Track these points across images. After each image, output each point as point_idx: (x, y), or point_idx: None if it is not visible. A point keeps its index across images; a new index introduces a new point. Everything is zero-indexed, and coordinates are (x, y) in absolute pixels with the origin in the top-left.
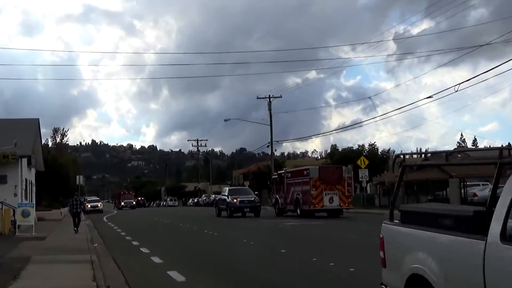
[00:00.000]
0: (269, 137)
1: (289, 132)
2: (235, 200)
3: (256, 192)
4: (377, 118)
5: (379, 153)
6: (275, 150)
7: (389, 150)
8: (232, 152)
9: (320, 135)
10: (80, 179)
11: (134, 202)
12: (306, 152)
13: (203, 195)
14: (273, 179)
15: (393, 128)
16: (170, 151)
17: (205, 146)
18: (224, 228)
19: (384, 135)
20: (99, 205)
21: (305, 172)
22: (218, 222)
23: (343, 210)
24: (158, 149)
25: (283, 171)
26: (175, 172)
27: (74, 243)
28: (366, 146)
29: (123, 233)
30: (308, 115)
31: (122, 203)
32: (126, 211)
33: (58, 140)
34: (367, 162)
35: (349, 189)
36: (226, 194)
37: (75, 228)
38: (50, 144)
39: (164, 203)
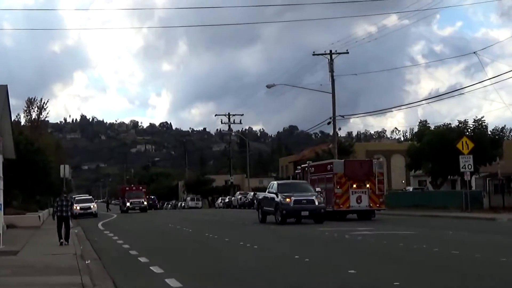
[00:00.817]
0: (330, 110)
1: (359, 104)
2: (288, 200)
3: (317, 189)
4: (487, 82)
5: (489, 133)
6: (339, 129)
7: (503, 128)
8: (278, 132)
9: (403, 107)
10: (65, 170)
11: (145, 202)
12: (383, 131)
13: (238, 192)
14: (296, 173)
15: (510, 97)
16: (190, 130)
17: (240, 123)
18: (270, 240)
19: (496, 106)
20: (92, 206)
21: (328, 166)
22: (263, 231)
23: (374, 211)
24: (173, 127)
25: (306, 164)
26: (197, 160)
27: (58, 260)
28: (470, 122)
29: (125, 246)
30: (386, 79)
31: (128, 204)
32: (132, 215)
33: (34, 115)
34: (471, 145)
35: (381, 187)
36: (275, 191)
37: (61, 240)
38: (23, 121)
39: (183, 204)
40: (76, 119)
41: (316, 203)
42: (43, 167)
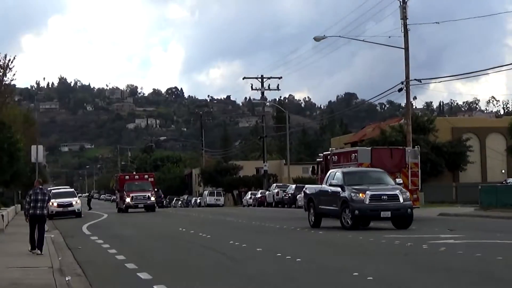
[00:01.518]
0: (401, 72)
1: (441, 63)
2: (361, 196)
3: (398, 180)
4: None
5: None
6: (415, 99)
7: None
8: (330, 103)
9: (503, 68)
10: (37, 153)
11: (152, 197)
12: (476, 102)
13: (274, 184)
14: (317, 163)
15: None
16: (208, 99)
17: (277, 89)
18: (327, 252)
19: None
20: (74, 202)
21: (352, 155)
22: (316, 239)
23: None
24: (185, 95)
25: (329, 151)
26: (219, 140)
27: (29, 276)
28: None
29: (119, 256)
30: (479, 30)
31: (128, 199)
32: (130, 215)
33: None
34: None
35: (415, 181)
36: (340, 183)
37: (33, 250)
38: None
39: (198, 200)
40: (52, 84)
41: (401, 200)
42: (8, 148)
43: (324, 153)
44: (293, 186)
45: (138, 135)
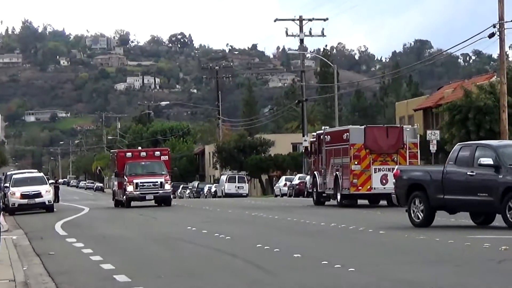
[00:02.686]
0: (493, 11)
1: None
2: None
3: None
4: None
5: None
6: (511, 48)
7: None
8: (394, 53)
9: None
10: None
11: (167, 185)
12: None
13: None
14: (311, 142)
15: None
16: (227, 49)
17: (322, 36)
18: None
19: None
20: (43, 192)
21: (344, 135)
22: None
23: None
24: (195, 44)
25: (322, 131)
26: (241, 105)
27: None
28: None
29: (105, 265)
30: None
31: (130, 188)
32: (124, 210)
33: None
34: None
35: (414, 163)
36: (492, 162)
37: None
38: None
39: (213, 188)
40: (13, 29)
41: None
42: None
43: (317, 132)
44: None
45: (130, 99)
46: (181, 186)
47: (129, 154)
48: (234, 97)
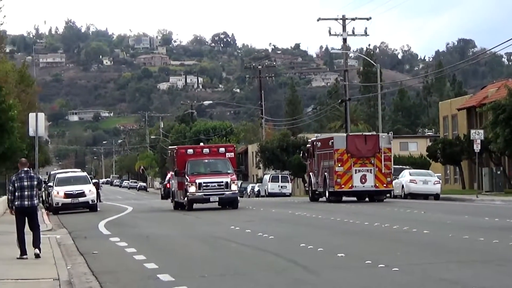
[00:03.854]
0: None
1: None
2: None
3: None
4: None
5: None
6: None
7: None
8: (437, 53)
9: None
10: (37, 123)
11: (234, 185)
12: None
13: None
14: (307, 148)
15: None
16: (270, 49)
17: (365, 35)
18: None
19: None
20: (87, 191)
21: (330, 141)
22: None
23: (386, 193)
24: (237, 44)
25: (315, 138)
26: (284, 105)
27: None
28: None
29: (149, 265)
30: None
31: (193, 189)
32: (166, 210)
33: None
34: None
35: (388, 165)
36: None
37: (23, 256)
38: None
39: (257, 188)
40: (57, 29)
41: None
42: None
43: (311, 139)
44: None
45: (173, 99)
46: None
47: (190, 150)
48: (277, 96)
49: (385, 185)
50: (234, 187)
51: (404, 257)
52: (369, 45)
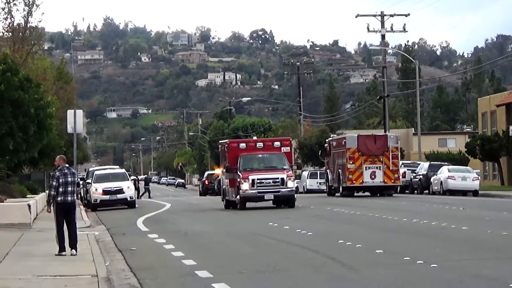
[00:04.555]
0: None
1: None
2: None
3: None
4: None
5: None
6: None
7: None
8: (476, 49)
9: None
10: (75, 120)
11: (290, 181)
12: None
13: (400, 162)
14: (324, 147)
15: None
16: (308, 45)
17: (404, 31)
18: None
19: None
20: (125, 187)
21: (343, 141)
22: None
23: (395, 188)
24: (276, 40)
25: (331, 138)
26: (322, 101)
27: None
28: None
29: (187, 261)
30: None
31: (246, 185)
32: (204, 207)
33: (18, 19)
34: None
35: (395, 162)
36: None
37: (61, 252)
38: None
39: (296, 185)
40: (95, 26)
41: None
42: (36, 114)
43: (328, 139)
44: (426, 164)
45: (211, 96)
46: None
47: (243, 145)
48: (315, 93)
49: (392, 180)
50: (290, 184)
51: (442, 254)
52: (408, 41)
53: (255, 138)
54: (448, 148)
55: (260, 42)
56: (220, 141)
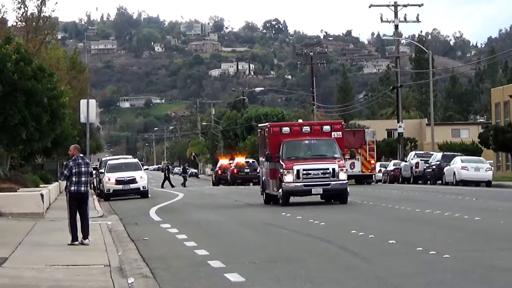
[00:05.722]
0: None
1: None
2: None
3: None
4: None
5: None
6: None
7: None
8: (489, 39)
9: None
10: (88, 110)
11: (342, 173)
12: None
13: (413, 153)
14: None
15: None
16: (322, 35)
17: (417, 21)
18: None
19: None
20: (138, 177)
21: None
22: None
23: (372, 177)
24: (289, 30)
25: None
26: (335, 91)
27: (77, 277)
28: None
29: (200, 251)
30: None
31: (289, 177)
32: (217, 196)
33: (32, 8)
34: None
35: (372, 154)
36: None
37: (74, 242)
38: (11, 19)
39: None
40: (108, 16)
41: None
42: (49, 104)
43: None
44: (439, 154)
45: (224, 85)
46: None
47: (286, 129)
48: (329, 83)
49: (369, 170)
50: (343, 176)
51: (455, 244)
52: (421, 31)
53: (300, 121)
54: (461, 138)
55: (273, 32)
56: (259, 125)
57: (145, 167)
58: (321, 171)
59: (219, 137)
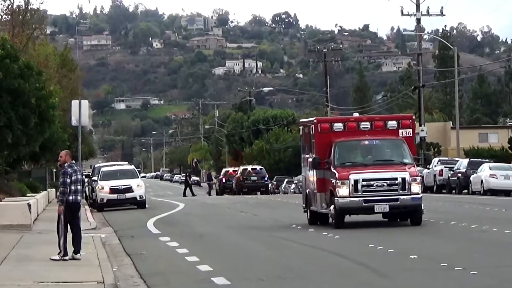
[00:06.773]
0: None
1: None
2: None
3: None
4: None
5: None
6: None
7: None
8: None
9: None
10: (80, 111)
11: (415, 182)
12: None
13: (436, 158)
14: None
15: None
16: (336, 30)
17: (441, 15)
18: None
19: None
20: (134, 186)
21: None
22: None
23: None
24: (301, 24)
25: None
26: (351, 91)
27: None
28: None
29: (203, 267)
30: None
31: (343, 190)
32: (219, 205)
33: (17, 0)
34: None
35: None
36: None
37: (64, 256)
38: None
39: None
40: (102, 9)
41: None
42: (37, 105)
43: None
44: (465, 161)
45: (229, 85)
46: (286, 180)
47: (338, 125)
48: (344, 82)
49: None
50: (415, 188)
51: (482, 259)
52: (445, 26)
53: (356, 114)
54: (489, 143)
55: (283, 26)
56: (301, 120)
57: (142, 174)
58: (387, 181)
59: (224, 141)
